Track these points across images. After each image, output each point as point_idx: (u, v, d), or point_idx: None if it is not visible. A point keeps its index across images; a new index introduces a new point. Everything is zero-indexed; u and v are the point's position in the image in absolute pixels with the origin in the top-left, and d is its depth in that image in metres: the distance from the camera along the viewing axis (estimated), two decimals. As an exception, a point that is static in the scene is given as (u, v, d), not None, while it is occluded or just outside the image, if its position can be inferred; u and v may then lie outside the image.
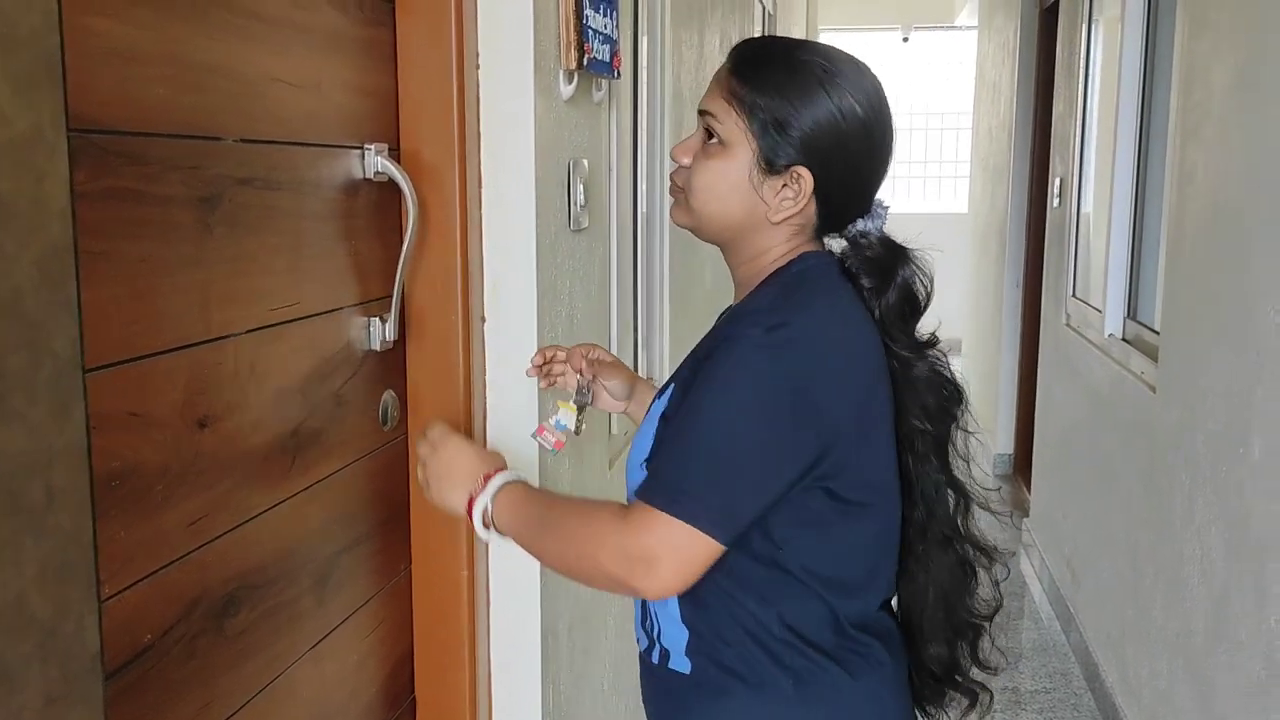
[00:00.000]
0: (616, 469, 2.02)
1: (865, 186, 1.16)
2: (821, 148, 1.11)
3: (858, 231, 1.17)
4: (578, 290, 1.72)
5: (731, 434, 1.05)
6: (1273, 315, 1.92)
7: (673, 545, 1.03)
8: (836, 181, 1.13)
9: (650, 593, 1.07)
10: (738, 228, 1.16)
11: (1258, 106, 2.05)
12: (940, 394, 1.18)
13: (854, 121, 1.12)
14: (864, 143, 1.13)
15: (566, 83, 1.60)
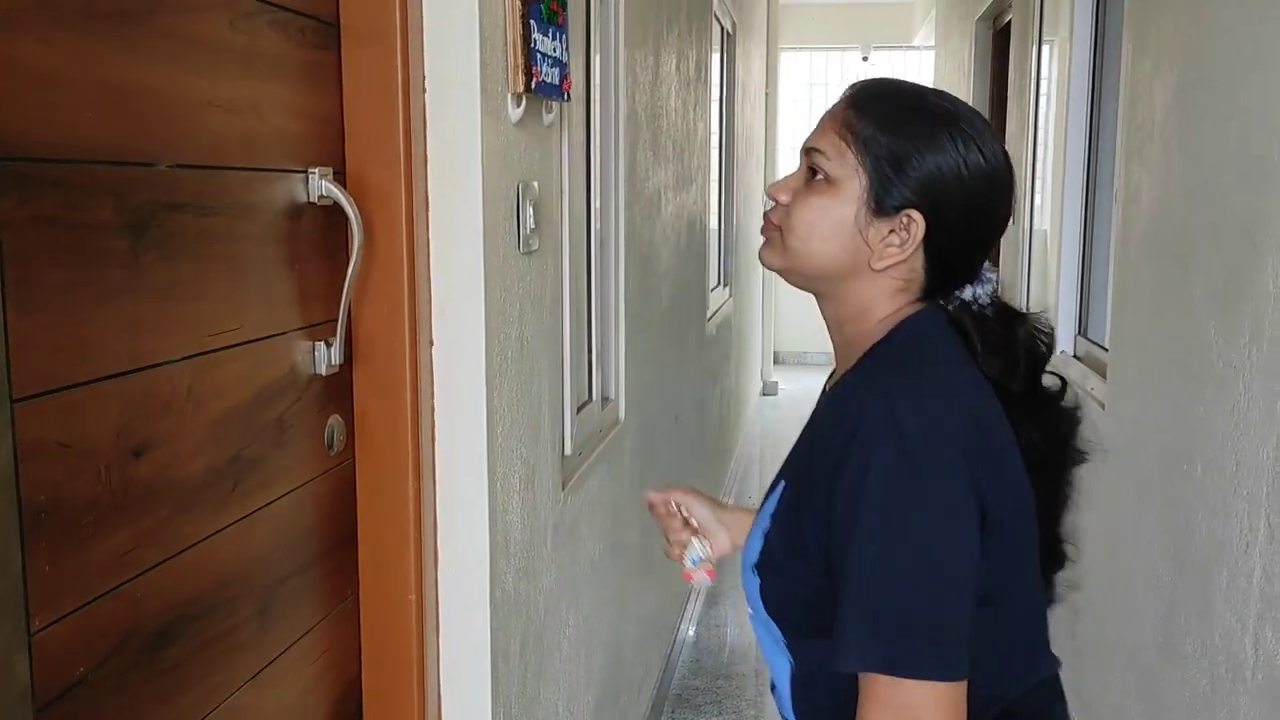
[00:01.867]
0: (569, 491, 2.02)
1: (978, 245, 1.08)
2: (938, 194, 1.03)
3: (966, 301, 1.09)
4: (528, 312, 1.72)
5: (912, 556, 0.95)
6: (1213, 334, 1.95)
7: (924, 705, 0.93)
8: (950, 233, 1.05)
9: None
10: (836, 273, 1.08)
11: (1195, 127, 2.09)
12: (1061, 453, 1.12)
13: (977, 174, 1.04)
14: (984, 198, 1.05)
15: (515, 106, 1.60)
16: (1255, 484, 1.74)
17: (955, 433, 0.98)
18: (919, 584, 0.94)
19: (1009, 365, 1.07)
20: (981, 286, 1.09)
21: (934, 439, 0.96)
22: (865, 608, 0.96)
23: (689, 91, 3.70)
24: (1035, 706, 1.08)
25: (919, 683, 0.93)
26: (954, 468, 0.96)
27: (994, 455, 1.01)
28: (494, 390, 1.55)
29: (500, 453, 1.59)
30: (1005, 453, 1.03)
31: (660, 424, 3.23)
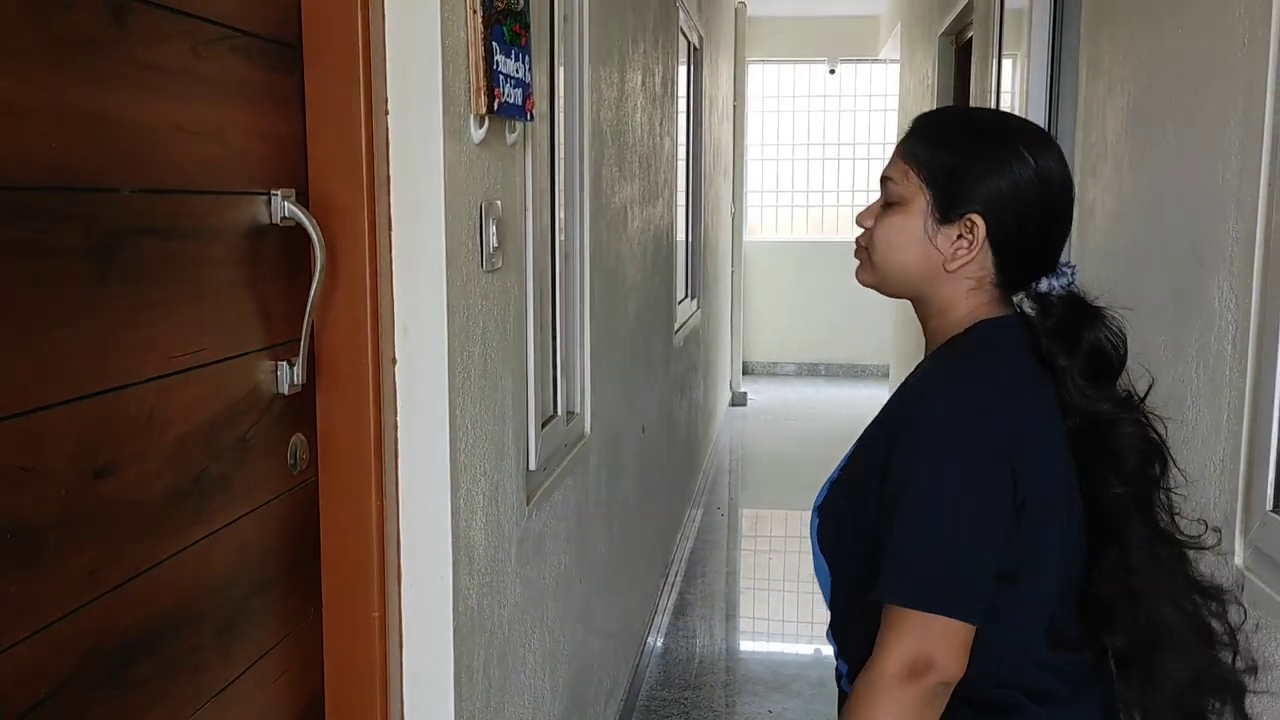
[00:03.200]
0: (534, 505, 2.04)
1: (1041, 240, 1.19)
2: (994, 195, 1.17)
3: (1041, 292, 1.19)
4: (492, 329, 1.74)
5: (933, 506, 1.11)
6: (1162, 349, 2.00)
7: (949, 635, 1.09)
8: (1011, 230, 1.17)
9: (947, 687, 1.11)
10: (917, 278, 1.23)
11: (1145, 148, 2.15)
12: (1137, 456, 1.18)
13: (1027, 172, 1.17)
14: (1038, 194, 1.17)
15: (477, 127, 1.62)
16: (1203, 496, 1.78)
17: (998, 428, 1.12)
18: (947, 541, 1.11)
19: (1069, 352, 1.16)
20: (1057, 279, 1.19)
21: (978, 428, 1.12)
22: (902, 554, 1.12)
23: (655, 107, 3.74)
24: (1034, 684, 1.18)
25: (934, 616, 1.10)
26: (992, 454, 1.11)
27: (1035, 453, 1.14)
28: (457, 407, 1.57)
29: (463, 469, 1.60)
30: (1048, 451, 1.15)
31: (627, 436, 3.25)
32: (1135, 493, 1.19)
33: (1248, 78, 1.66)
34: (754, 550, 5.27)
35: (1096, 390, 1.18)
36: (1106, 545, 1.18)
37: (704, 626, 4.16)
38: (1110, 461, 1.18)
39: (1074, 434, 1.18)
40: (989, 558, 1.11)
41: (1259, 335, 1.58)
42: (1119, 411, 1.19)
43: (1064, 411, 1.18)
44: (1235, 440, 1.64)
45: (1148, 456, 1.20)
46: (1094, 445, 1.18)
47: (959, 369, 1.19)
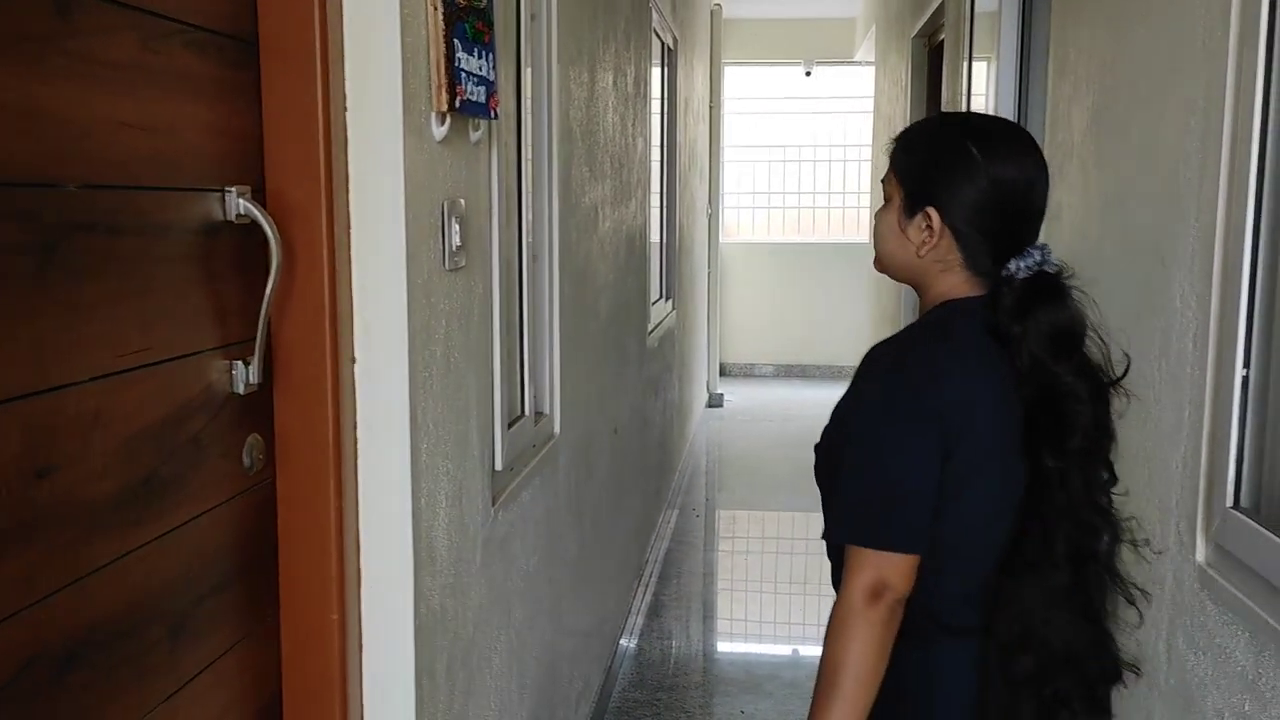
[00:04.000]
0: (500, 506, 2.03)
1: (998, 229, 1.31)
2: (942, 187, 1.32)
3: (1006, 273, 1.30)
4: (455, 329, 1.73)
5: (873, 461, 1.31)
6: (1128, 348, 2.00)
7: (887, 564, 1.29)
8: (965, 221, 1.32)
9: (902, 604, 1.30)
10: (902, 266, 1.40)
11: (1109, 148, 2.16)
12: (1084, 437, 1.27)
13: (977, 170, 1.30)
14: (989, 189, 1.30)
15: (439, 124, 1.61)
16: (1166, 494, 1.79)
17: (927, 393, 1.29)
18: (885, 487, 1.30)
19: (1020, 325, 1.27)
20: (1022, 261, 1.29)
21: (909, 392, 1.30)
22: (846, 498, 1.34)
23: (627, 107, 3.73)
24: (952, 618, 1.34)
25: (880, 551, 1.29)
26: (920, 414, 1.29)
27: (963, 415, 1.29)
28: (418, 407, 1.55)
29: (425, 470, 1.59)
30: (980, 414, 1.30)
31: (598, 437, 3.24)
32: (1071, 469, 1.28)
33: (1207, 77, 1.67)
34: (730, 551, 5.27)
35: (1054, 362, 1.26)
36: (1030, 510, 1.30)
37: (679, 627, 4.16)
38: (1056, 435, 1.28)
39: (1029, 404, 1.28)
40: (923, 499, 1.29)
41: (1219, 333, 1.59)
42: (1075, 384, 1.27)
43: (1020, 382, 1.28)
44: (1197, 437, 1.65)
45: (1095, 441, 1.30)
46: (1045, 417, 1.27)
47: (906, 342, 1.37)
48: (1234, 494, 1.53)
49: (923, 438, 1.29)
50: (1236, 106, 1.57)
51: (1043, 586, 1.29)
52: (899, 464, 1.30)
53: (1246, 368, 1.52)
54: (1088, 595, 1.32)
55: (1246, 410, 1.52)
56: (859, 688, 1.28)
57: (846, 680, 1.28)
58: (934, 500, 1.29)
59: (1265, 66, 1.50)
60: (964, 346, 1.31)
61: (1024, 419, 1.28)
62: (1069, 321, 1.28)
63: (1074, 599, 1.30)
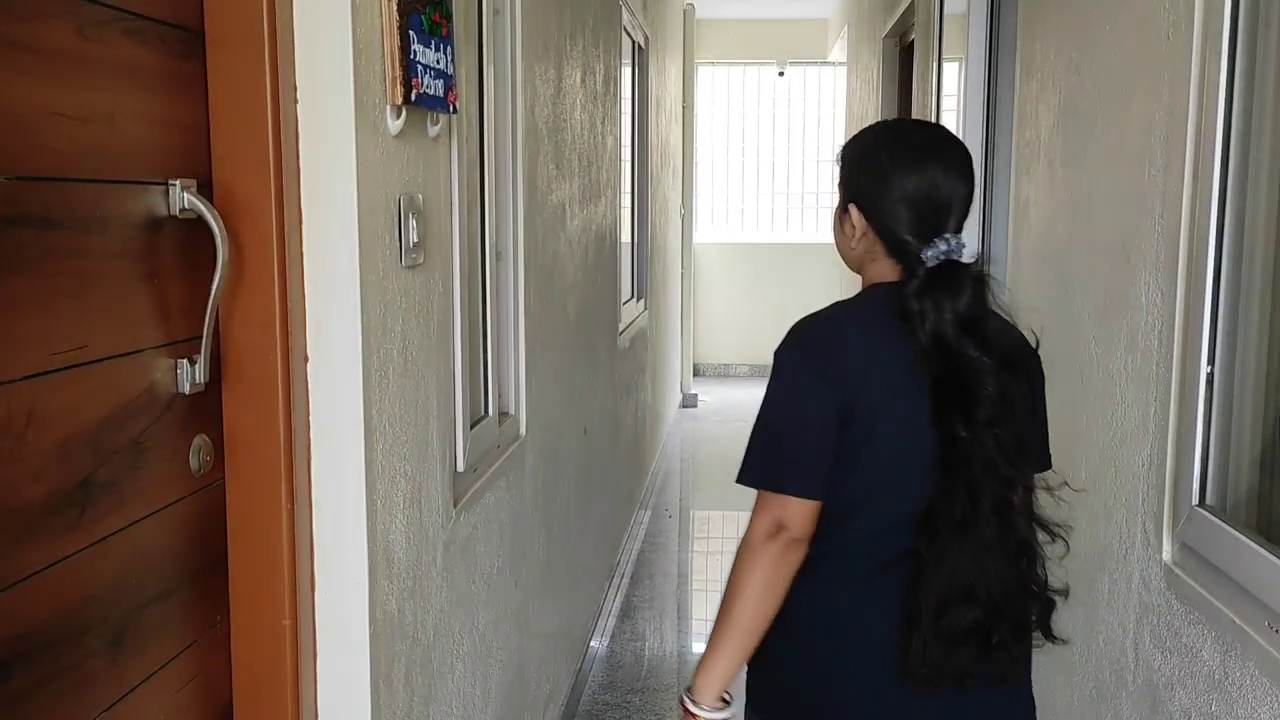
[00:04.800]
0: (463, 508, 1.99)
1: (904, 219, 1.46)
2: (862, 193, 1.51)
3: (919, 261, 1.44)
4: (413, 327, 1.69)
5: (774, 417, 1.48)
6: (1093, 345, 2.00)
7: (786, 507, 1.44)
8: (877, 216, 1.49)
9: (800, 543, 1.46)
10: (845, 256, 1.59)
11: (1075, 146, 2.15)
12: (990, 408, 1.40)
13: (880, 169, 1.48)
14: (895, 192, 1.46)
15: (394, 118, 1.57)
16: (1132, 491, 1.78)
17: (825, 358, 1.46)
18: (785, 440, 1.47)
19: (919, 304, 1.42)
20: (930, 250, 1.43)
21: (810, 357, 1.47)
22: (754, 449, 1.49)
23: (596, 105, 3.70)
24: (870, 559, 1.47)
25: (778, 495, 1.45)
26: (818, 376, 1.45)
27: (859, 379, 1.44)
28: (373, 407, 1.52)
29: (381, 471, 1.55)
30: (875, 380, 1.44)
31: (567, 438, 3.21)
32: (984, 436, 1.40)
33: (1171, 74, 1.66)
34: (705, 552, 5.24)
35: (958, 341, 1.40)
36: (950, 475, 1.41)
37: (651, 629, 4.13)
38: (965, 408, 1.40)
39: (936, 379, 1.41)
40: (818, 453, 1.44)
41: (1184, 330, 1.58)
42: (979, 360, 1.40)
43: (927, 359, 1.41)
44: (1162, 435, 1.64)
45: (1002, 410, 1.41)
46: (953, 391, 1.40)
47: (822, 315, 1.53)
48: (1199, 492, 1.52)
49: (821, 398, 1.45)
50: (1201, 104, 1.56)
51: (974, 541, 1.40)
52: (799, 420, 1.47)
53: (1211, 364, 1.51)
54: (1014, 541, 1.43)
55: (1212, 407, 1.51)
56: (751, 613, 1.46)
57: (740, 605, 1.46)
58: (830, 455, 1.44)
59: (1229, 63, 1.49)
60: (872, 321, 1.47)
61: (933, 392, 1.41)
62: (968, 304, 1.40)
63: (1004, 548, 1.41)
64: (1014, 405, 1.41)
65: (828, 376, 1.44)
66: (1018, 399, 1.42)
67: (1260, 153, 1.49)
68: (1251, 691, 1.34)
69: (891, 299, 1.45)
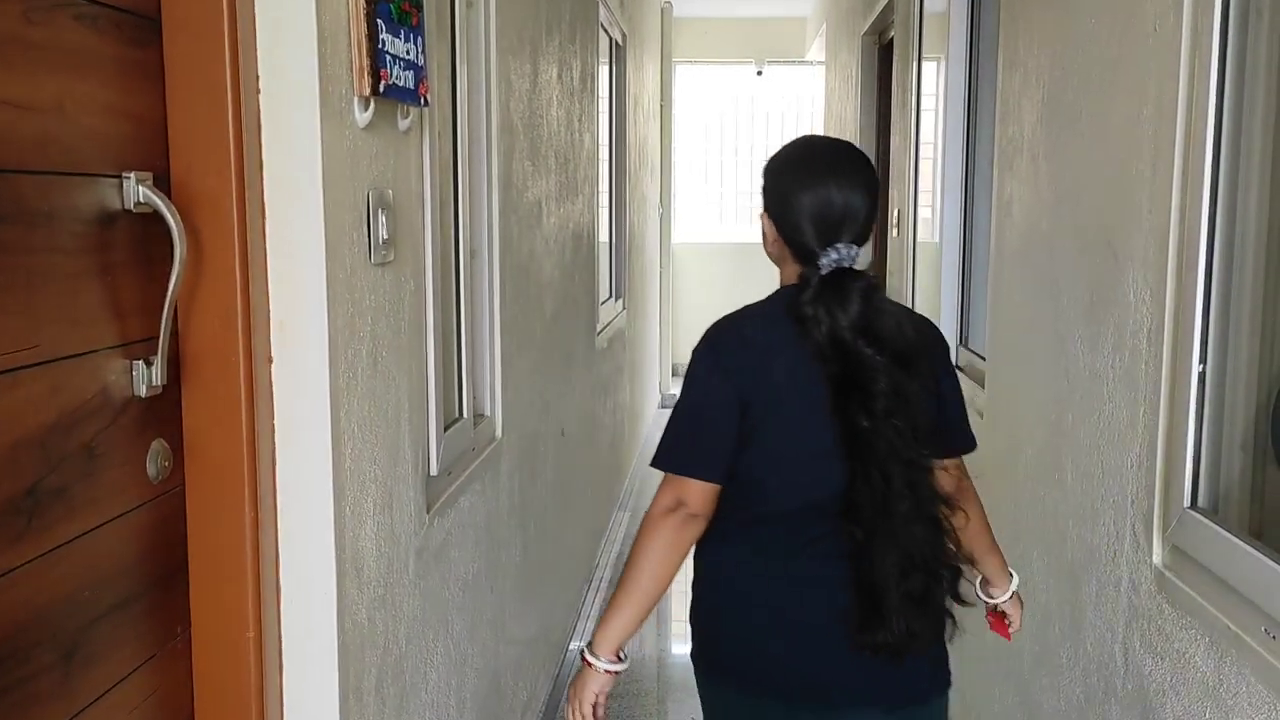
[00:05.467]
0: (436, 513, 1.94)
1: (798, 229, 1.61)
2: (770, 204, 1.67)
3: (814, 268, 1.59)
4: (383, 326, 1.64)
5: (682, 409, 1.64)
6: (1079, 343, 1.96)
7: (685, 488, 1.60)
8: (780, 227, 1.65)
9: (697, 518, 1.62)
10: (770, 258, 1.73)
11: (1060, 141, 2.12)
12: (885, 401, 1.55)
13: (781, 186, 1.65)
14: (793, 205, 1.62)
15: (362, 109, 1.52)
16: (1120, 492, 1.74)
17: (727, 355, 1.63)
18: (687, 428, 1.63)
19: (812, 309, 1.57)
20: (826, 257, 1.58)
21: (713, 354, 1.64)
22: (665, 436, 1.65)
23: (573, 101, 3.65)
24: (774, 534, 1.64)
25: (679, 476, 1.61)
26: (721, 371, 1.61)
27: (757, 374, 1.60)
28: (341, 409, 1.46)
29: (349, 476, 1.50)
30: (774, 370, 1.60)
31: (544, 439, 3.15)
32: (884, 426, 1.54)
33: (1158, 65, 1.62)
34: (682, 554, 5.19)
35: (852, 341, 1.54)
36: (860, 461, 1.55)
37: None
38: (862, 402, 1.54)
39: (834, 376, 1.55)
40: (716, 439, 1.60)
41: (1174, 328, 1.54)
42: (870, 358, 1.54)
43: (824, 357, 1.56)
44: (1152, 435, 1.60)
45: (898, 402, 1.55)
46: (851, 386, 1.55)
47: (733, 315, 1.68)
48: (1191, 494, 1.49)
49: (723, 391, 1.60)
50: (1191, 96, 1.52)
51: (899, 517, 1.55)
52: (700, 411, 1.63)
53: (1203, 363, 1.47)
54: (927, 514, 1.58)
55: (1204, 407, 1.47)
56: (649, 577, 1.61)
57: (639, 570, 1.62)
58: (730, 441, 1.59)
59: (1220, 55, 1.46)
60: (775, 320, 1.61)
61: (832, 388, 1.56)
62: (857, 309, 1.55)
63: (922, 520, 1.57)
64: (909, 397, 1.55)
65: (729, 371, 1.61)
66: (913, 392, 1.56)
67: (1251, 147, 1.45)
68: (1247, 699, 1.31)
69: (793, 300, 1.59)
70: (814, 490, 1.59)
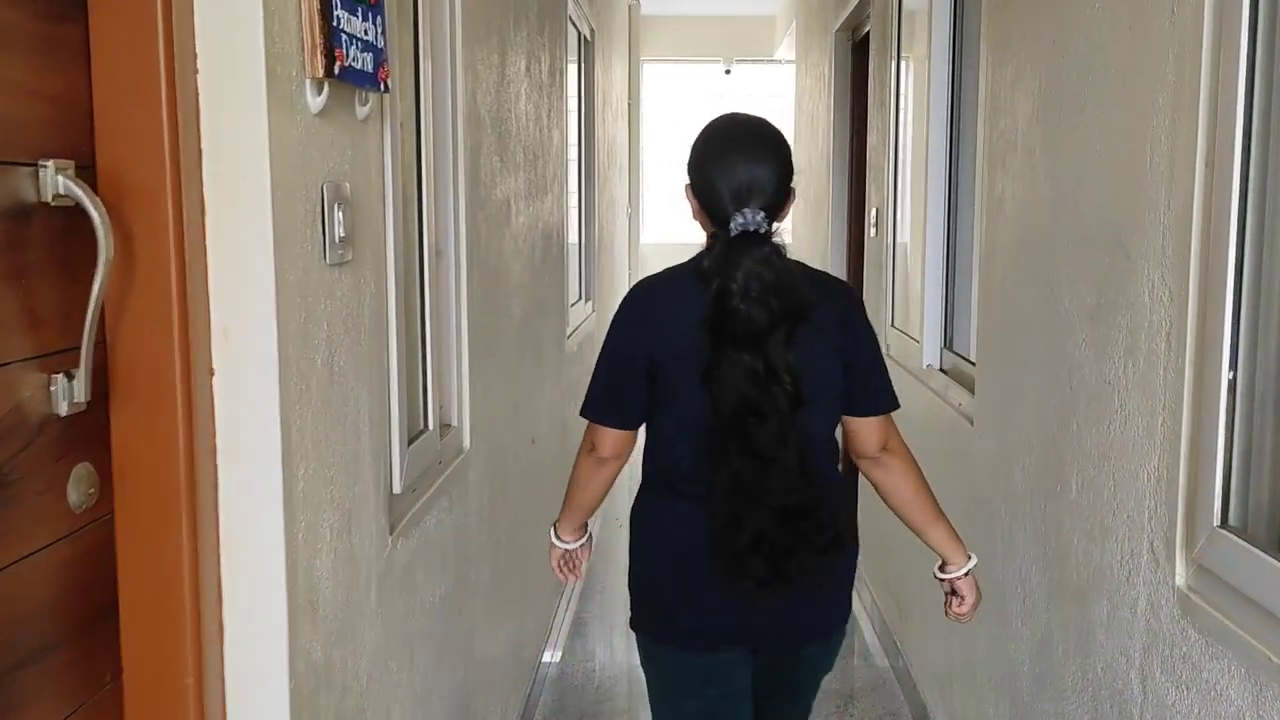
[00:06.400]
0: (400, 534, 1.79)
1: (711, 199, 1.77)
2: (690, 172, 1.82)
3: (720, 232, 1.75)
4: (340, 333, 1.49)
5: (600, 364, 1.83)
6: (1084, 347, 1.85)
7: (598, 433, 1.84)
8: (698, 196, 1.80)
9: (609, 460, 1.86)
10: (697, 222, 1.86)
11: (1060, 134, 2.01)
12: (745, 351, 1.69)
13: (695, 157, 1.82)
14: (701, 175, 1.79)
15: (315, 93, 1.37)
16: (1135, 507, 1.63)
17: (638, 311, 1.81)
18: (602, 377, 1.83)
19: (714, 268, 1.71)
20: (734, 222, 1.72)
21: (626, 311, 1.82)
22: (588, 387, 1.84)
23: (542, 96, 3.51)
24: (683, 478, 1.80)
25: (593, 423, 1.84)
26: (632, 327, 1.80)
27: (664, 330, 1.77)
28: (293, 426, 1.32)
29: (302, 500, 1.35)
30: (675, 325, 1.75)
31: (513, 448, 3.01)
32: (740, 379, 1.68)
33: (1177, 48, 1.51)
34: (654, 562, 5.06)
35: (740, 295, 1.67)
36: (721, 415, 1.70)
37: (603, 645, 3.95)
38: (732, 338, 1.67)
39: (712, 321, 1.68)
40: (626, 391, 1.80)
41: (1199, 330, 1.43)
42: (749, 309, 1.67)
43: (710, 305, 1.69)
44: (1173, 447, 1.49)
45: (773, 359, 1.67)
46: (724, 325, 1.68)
47: (648, 277, 1.88)
48: (1221, 511, 1.37)
49: (629, 345, 1.79)
50: (1215, 79, 1.41)
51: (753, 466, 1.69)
52: (611, 365, 1.82)
53: (1233, 370, 1.36)
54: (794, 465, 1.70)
55: (1234, 418, 1.36)
56: (578, 497, 1.96)
57: (571, 491, 1.97)
58: (639, 393, 1.78)
59: (1249, 34, 1.34)
60: (685, 280, 1.76)
61: (709, 340, 1.68)
62: (751, 267, 1.68)
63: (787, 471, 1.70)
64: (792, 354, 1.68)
65: (636, 328, 1.79)
66: (805, 350, 1.69)
67: (1283, 135, 1.34)
68: (1292, 738, 1.20)
69: (700, 260, 1.76)
70: (705, 442, 1.73)
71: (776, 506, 1.68)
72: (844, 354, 1.77)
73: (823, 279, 1.84)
